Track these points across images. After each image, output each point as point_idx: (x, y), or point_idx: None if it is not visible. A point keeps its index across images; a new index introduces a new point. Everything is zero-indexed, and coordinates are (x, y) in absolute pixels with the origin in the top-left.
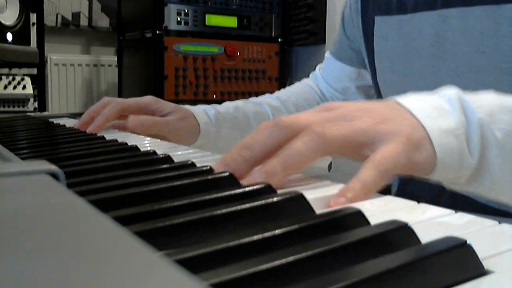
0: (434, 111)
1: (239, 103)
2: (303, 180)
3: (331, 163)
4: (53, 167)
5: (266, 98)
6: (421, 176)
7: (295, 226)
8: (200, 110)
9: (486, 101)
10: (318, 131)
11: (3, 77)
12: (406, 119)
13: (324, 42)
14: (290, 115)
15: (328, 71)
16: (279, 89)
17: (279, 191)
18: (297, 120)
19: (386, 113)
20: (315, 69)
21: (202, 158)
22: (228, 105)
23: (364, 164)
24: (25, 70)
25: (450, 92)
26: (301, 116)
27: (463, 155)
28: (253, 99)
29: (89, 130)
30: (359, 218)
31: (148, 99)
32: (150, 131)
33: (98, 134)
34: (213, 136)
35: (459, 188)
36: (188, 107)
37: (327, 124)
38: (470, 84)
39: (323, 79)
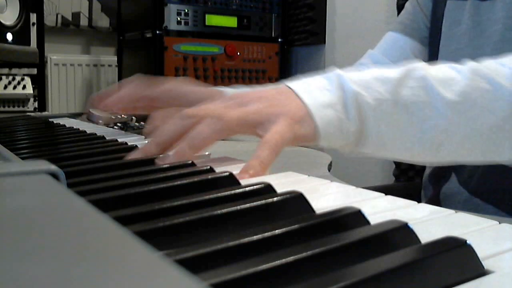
0: (316, 90)
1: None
2: (303, 180)
3: (331, 163)
4: (53, 167)
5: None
6: (309, 144)
7: (295, 226)
8: (232, 89)
9: (363, 75)
10: (217, 114)
11: (3, 77)
12: (291, 100)
13: (324, 42)
14: (194, 107)
15: (392, 49)
16: None
17: (279, 191)
18: (198, 109)
19: (275, 98)
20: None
21: (202, 158)
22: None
23: (259, 144)
24: (25, 70)
25: (332, 73)
26: (203, 106)
27: (342, 123)
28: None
29: (102, 106)
30: (359, 218)
31: (175, 90)
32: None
33: (98, 134)
34: None
35: (354, 154)
36: (223, 89)
37: (225, 109)
38: None
39: (387, 58)
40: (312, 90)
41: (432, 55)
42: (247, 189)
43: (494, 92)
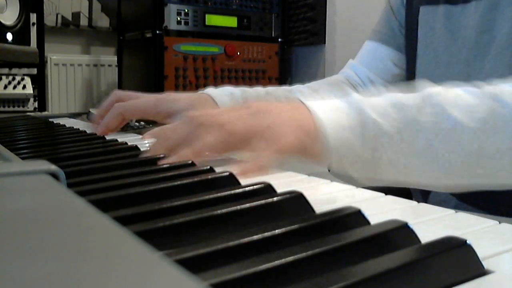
0: (331, 111)
1: (270, 88)
2: (303, 180)
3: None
4: (53, 167)
5: (296, 87)
6: (317, 164)
7: (295, 226)
8: (224, 94)
9: (378, 102)
10: (228, 127)
11: (3, 77)
12: (305, 117)
13: (324, 42)
14: (204, 112)
15: (372, 59)
16: None
17: (279, 191)
18: (208, 118)
19: (288, 112)
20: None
21: (202, 158)
22: (258, 89)
23: (262, 145)
24: (25, 70)
25: (350, 96)
26: (212, 115)
27: (355, 148)
28: (283, 87)
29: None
30: (359, 218)
31: (150, 103)
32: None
33: (97, 134)
34: None
35: (366, 181)
36: (210, 91)
37: (234, 121)
38: None
39: (367, 68)
40: (328, 110)
41: (410, 62)
42: (247, 189)
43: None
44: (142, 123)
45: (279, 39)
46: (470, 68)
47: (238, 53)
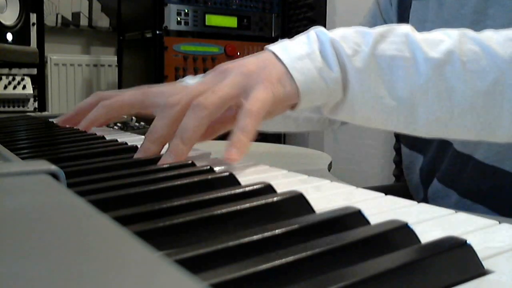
0: (292, 46)
1: None
2: (303, 180)
3: (331, 163)
4: (53, 167)
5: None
6: (294, 102)
7: (295, 226)
8: None
9: (344, 29)
10: (199, 103)
11: (3, 77)
12: (269, 62)
13: None
14: (173, 91)
15: None
16: None
17: (279, 191)
18: (179, 98)
19: (253, 64)
20: None
21: (202, 158)
22: None
23: (238, 114)
24: (25, 70)
25: (311, 29)
26: (183, 93)
27: (321, 70)
28: None
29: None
30: (359, 218)
31: (137, 95)
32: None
33: (98, 134)
34: None
35: (334, 114)
36: (189, 81)
37: (204, 94)
38: None
39: None
40: (289, 47)
41: None
42: (247, 189)
43: (483, 55)
44: (142, 123)
45: (279, 39)
46: None
47: (238, 53)
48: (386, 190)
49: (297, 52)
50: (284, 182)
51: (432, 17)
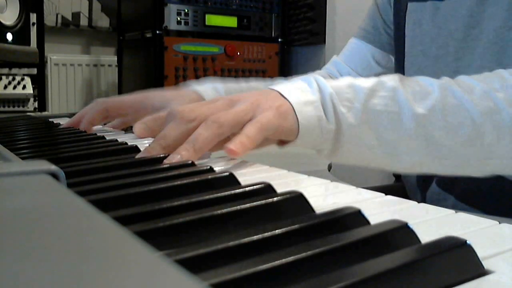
0: (297, 90)
1: (252, 81)
2: (303, 180)
3: (331, 163)
4: (53, 167)
5: (279, 80)
6: (289, 139)
7: (295, 226)
8: (208, 88)
9: (338, 81)
10: (214, 119)
11: (3, 77)
12: (276, 98)
13: (324, 42)
14: (191, 108)
15: (353, 57)
16: None
17: (279, 191)
18: (196, 115)
19: (261, 97)
20: (316, 65)
21: (201, 158)
22: (240, 82)
23: (246, 124)
24: (25, 70)
25: (310, 77)
26: (198, 109)
27: (321, 121)
28: (267, 79)
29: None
30: (359, 218)
31: (137, 97)
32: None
33: (98, 134)
34: None
35: (330, 158)
36: (194, 87)
37: (218, 113)
38: (504, 59)
39: (347, 65)
40: (294, 90)
41: (399, 58)
42: (247, 189)
43: (461, 108)
44: None
45: (279, 39)
46: (459, 63)
47: (238, 53)
48: (386, 190)
49: (302, 97)
50: (284, 182)
51: (428, 19)
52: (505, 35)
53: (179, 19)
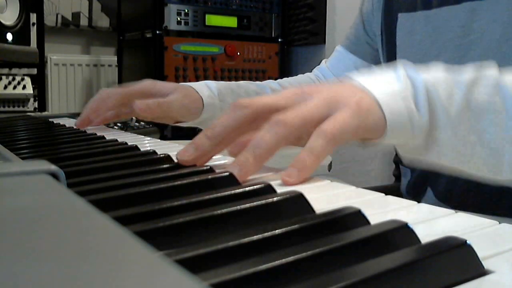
0: (381, 80)
1: (242, 82)
2: (303, 180)
3: (331, 163)
4: (53, 167)
5: (268, 82)
6: (374, 138)
7: (295, 226)
8: (202, 85)
9: (433, 71)
10: (279, 119)
11: (3, 77)
12: (355, 89)
13: (324, 42)
14: (250, 98)
15: (338, 64)
16: None
17: (279, 191)
18: (251, 101)
19: (336, 89)
20: (316, 65)
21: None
22: (230, 83)
23: (313, 133)
24: (25, 70)
25: (398, 66)
26: (259, 98)
27: (411, 114)
28: (255, 82)
29: (97, 122)
30: (359, 218)
31: (147, 84)
32: (157, 114)
33: (98, 134)
34: (217, 109)
35: (417, 156)
36: (189, 84)
37: (285, 112)
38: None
39: (331, 72)
40: (379, 81)
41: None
42: (247, 189)
43: None
44: (142, 123)
45: (279, 39)
46: None
47: (238, 53)
48: (386, 190)
49: (389, 89)
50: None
51: (419, 29)
52: (502, 47)
53: (179, 19)
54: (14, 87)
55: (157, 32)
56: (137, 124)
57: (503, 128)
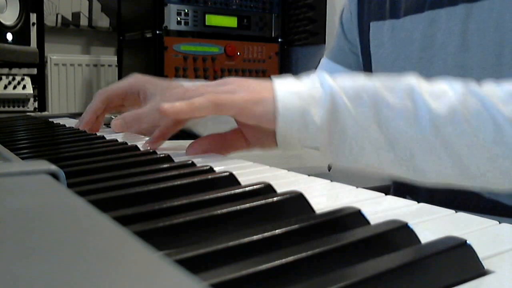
0: (292, 82)
1: None
2: (303, 180)
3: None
4: (53, 167)
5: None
6: (264, 126)
7: (295, 226)
8: (191, 83)
9: (343, 77)
10: (209, 93)
11: (3, 77)
12: (266, 85)
13: (324, 42)
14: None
15: None
16: None
17: (279, 191)
18: (197, 88)
19: (253, 86)
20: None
21: (202, 158)
22: None
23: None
24: (25, 70)
25: (317, 73)
26: (200, 86)
27: (306, 114)
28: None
29: (81, 127)
30: (359, 218)
31: (131, 83)
32: (135, 127)
33: (98, 134)
34: None
35: (335, 159)
36: (183, 82)
37: (216, 93)
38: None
39: None
40: (289, 83)
41: None
42: (247, 189)
43: (484, 112)
44: None
45: (279, 39)
46: None
47: (238, 53)
48: (386, 190)
49: (293, 88)
50: (284, 182)
51: (387, 40)
52: (463, 58)
53: (179, 19)
54: (14, 87)
55: (157, 32)
56: None
57: (413, 129)
